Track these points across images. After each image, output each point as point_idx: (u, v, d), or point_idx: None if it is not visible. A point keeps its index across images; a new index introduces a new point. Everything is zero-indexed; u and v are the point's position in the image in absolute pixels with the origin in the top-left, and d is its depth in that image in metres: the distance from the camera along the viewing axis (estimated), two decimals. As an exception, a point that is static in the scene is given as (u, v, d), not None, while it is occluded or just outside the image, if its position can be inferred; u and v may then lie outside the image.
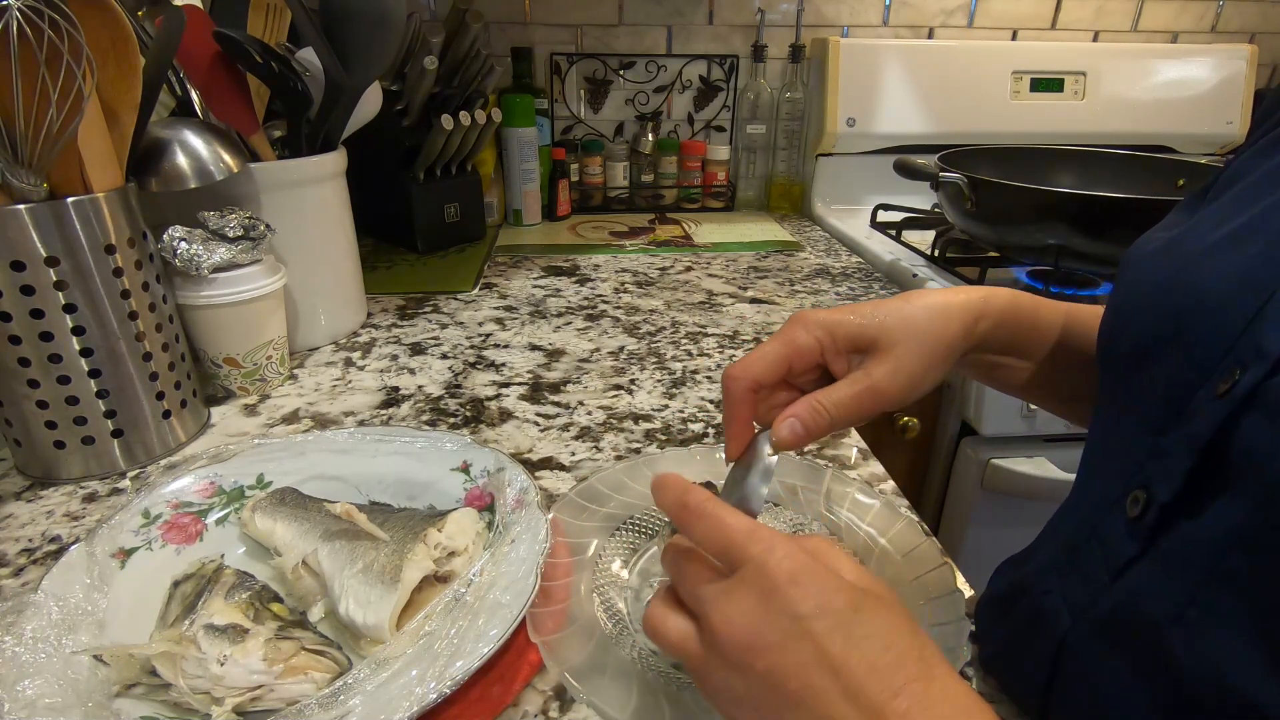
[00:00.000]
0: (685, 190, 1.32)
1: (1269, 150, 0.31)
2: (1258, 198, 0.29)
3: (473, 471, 0.49)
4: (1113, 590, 0.29)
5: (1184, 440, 0.26)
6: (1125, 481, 0.30)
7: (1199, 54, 1.27)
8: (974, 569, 0.43)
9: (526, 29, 1.25)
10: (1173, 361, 0.28)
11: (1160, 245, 0.32)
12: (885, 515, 0.47)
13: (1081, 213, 0.80)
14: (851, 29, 1.29)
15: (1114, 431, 0.33)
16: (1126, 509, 0.29)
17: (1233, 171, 0.33)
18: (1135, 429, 0.30)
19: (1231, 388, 0.25)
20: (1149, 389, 0.30)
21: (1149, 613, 0.27)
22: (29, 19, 0.41)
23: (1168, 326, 0.29)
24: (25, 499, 0.51)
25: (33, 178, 0.46)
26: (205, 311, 0.60)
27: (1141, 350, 0.30)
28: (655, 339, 0.77)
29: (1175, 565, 0.26)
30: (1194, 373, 0.27)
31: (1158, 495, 0.27)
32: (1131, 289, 0.32)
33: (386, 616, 0.37)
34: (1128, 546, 0.28)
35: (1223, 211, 0.30)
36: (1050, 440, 0.80)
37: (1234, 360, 0.25)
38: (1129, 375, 0.32)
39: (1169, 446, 0.27)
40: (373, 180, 0.98)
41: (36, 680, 0.33)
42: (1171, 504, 0.27)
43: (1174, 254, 0.31)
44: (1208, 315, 0.27)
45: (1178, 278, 0.29)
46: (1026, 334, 0.40)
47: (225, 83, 0.65)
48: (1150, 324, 0.30)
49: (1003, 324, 0.38)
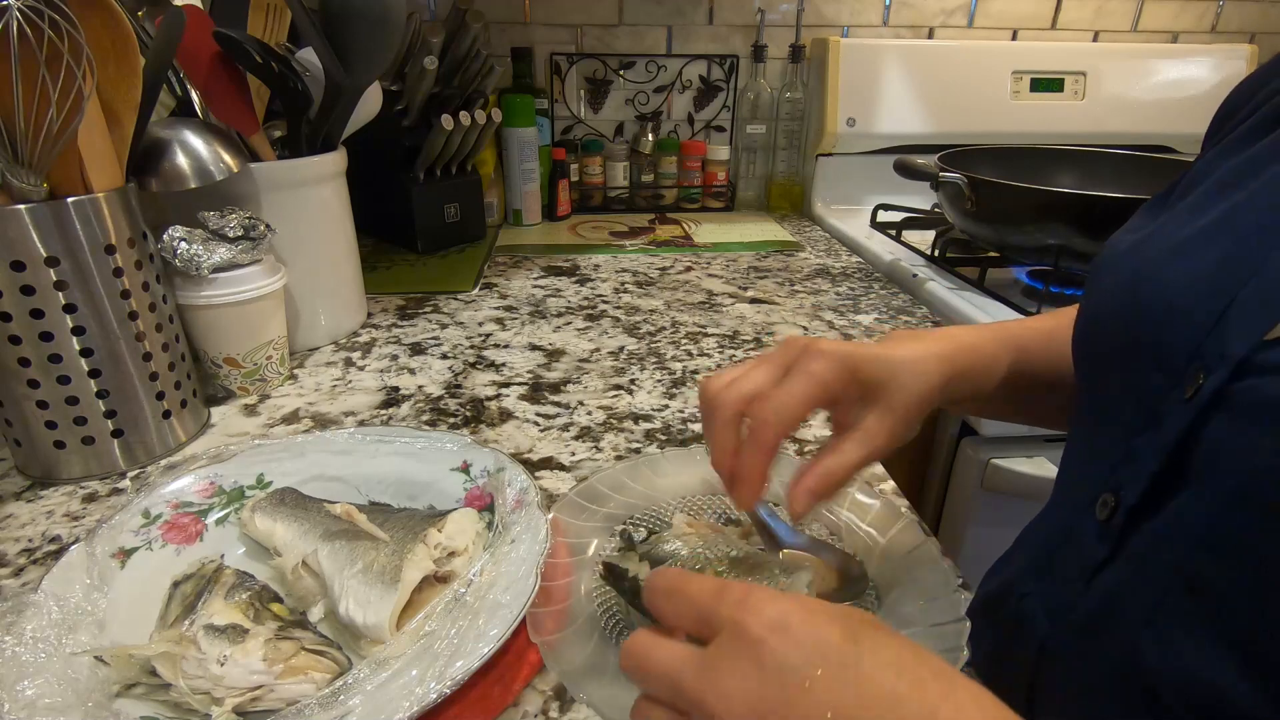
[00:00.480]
0: (685, 190, 1.32)
1: (1233, 149, 0.31)
2: (1221, 198, 0.29)
3: (473, 471, 0.49)
4: (1087, 594, 0.29)
5: (1151, 444, 0.26)
6: (1098, 485, 0.30)
7: (1199, 54, 1.27)
8: (974, 569, 0.43)
9: (526, 29, 1.25)
10: (1143, 365, 0.28)
11: (1128, 247, 0.33)
12: (885, 515, 0.47)
13: (1081, 213, 0.80)
14: (851, 29, 1.29)
15: (1089, 435, 0.34)
16: (1096, 512, 0.29)
17: (1197, 171, 0.33)
18: (1109, 433, 0.30)
19: (1196, 391, 0.25)
20: (1121, 393, 0.30)
21: (1122, 616, 0.27)
22: (29, 19, 0.41)
23: (1136, 331, 0.29)
24: (25, 499, 0.51)
25: (33, 178, 0.46)
26: (205, 311, 0.60)
27: (1113, 354, 0.31)
28: (655, 339, 0.77)
29: (1145, 567, 0.26)
30: (1162, 376, 0.27)
31: (1125, 498, 0.27)
32: (1102, 294, 0.33)
33: (386, 616, 0.37)
34: (1098, 549, 0.29)
35: (1187, 212, 0.30)
36: (1050, 440, 0.80)
37: (1199, 364, 0.25)
38: (1102, 379, 0.32)
39: (1139, 449, 0.27)
40: (373, 180, 0.98)
41: (36, 680, 0.33)
42: (1138, 506, 0.27)
43: (1141, 256, 0.31)
44: (1174, 319, 0.27)
45: (1144, 281, 0.29)
46: (981, 382, 0.39)
47: (225, 83, 0.65)
48: (1120, 329, 0.30)
49: (963, 378, 0.38)
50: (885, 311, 0.86)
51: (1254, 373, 0.23)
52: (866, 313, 0.86)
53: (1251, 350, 0.24)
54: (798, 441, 0.58)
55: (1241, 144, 0.31)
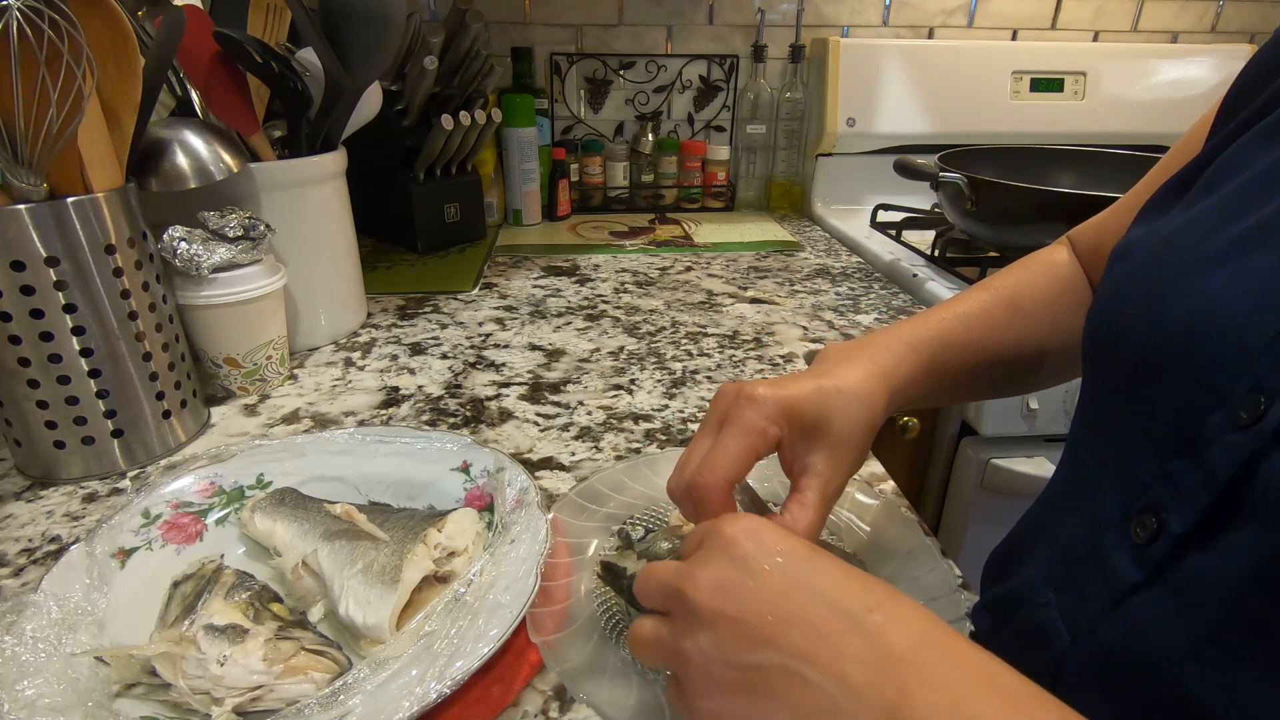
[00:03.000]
0: (685, 190, 1.32)
1: (1264, 141, 0.29)
2: (1266, 195, 0.27)
3: (473, 471, 0.49)
4: (1115, 617, 0.27)
5: (1202, 472, 0.25)
6: (1127, 501, 0.28)
7: (1199, 54, 1.27)
8: (974, 569, 0.43)
9: (526, 29, 1.25)
10: (1183, 381, 0.26)
11: (1149, 249, 0.31)
12: (885, 515, 0.47)
13: (1081, 213, 0.79)
14: (851, 29, 1.29)
15: (1106, 441, 0.32)
16: (1131, 533, 0.27)
17: (1230, 160, 0.30)
18: (1139, 445, 0.29)
19: (1257, 420, 0.23)
20: (1155, 406, 0.28)
21: (1160, 647, 0.25)
22: (29, 19, 0.41)
23: (1175, 341, 0.27)
24: (25, 499, 0.51)
25: (33, 178, 0.46)
26: (205, 311, 0.60)
27: (1146, 363, 0.28)
28: (655, 339, 0.77)
29: (1188, 600, 0.25)
30: (1209, 396, 0.25)
31: (1170, 525, 0.26)
32: (1121, 298, 0.31)
33: (386, 616, 0.37)
34: (1132, 572, 0.27)
35: (1226, 209, 0.28)
36: (1050, 440, 0.80)
37: (1254, 386, 0.23)
38: (1131, 388, 0.30)
39: (1181, 474, 0.26)
40: (373, 180, 0.98)
41: (36, 680, 0.33)
42: (1185, 535, 0.25)
43: (1175, 255, 0.29)
44: (1221, 333, 0.25)
45: (1179, 285, 0.27)
46: (921, 387, 0.39)
47: (225, 83, 0.65)
48: (1156, 336, 0.28)
49: (904, 391, 0.38)
50: (885, 311, 0.86)
51: None
52: (866, 313, 0.86)
53: None
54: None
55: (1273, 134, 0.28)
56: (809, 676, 0.23)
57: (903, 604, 0.25)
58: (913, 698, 0.22)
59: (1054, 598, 0.31)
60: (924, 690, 0.22)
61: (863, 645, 0.23)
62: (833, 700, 0.23)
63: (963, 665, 0.23)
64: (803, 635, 0.24)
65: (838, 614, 0.24)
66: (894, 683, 0.22)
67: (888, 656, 0.23)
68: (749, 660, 0.24)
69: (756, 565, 0.25)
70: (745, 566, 0.26)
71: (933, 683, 0.22)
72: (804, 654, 0.23)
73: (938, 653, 0.23)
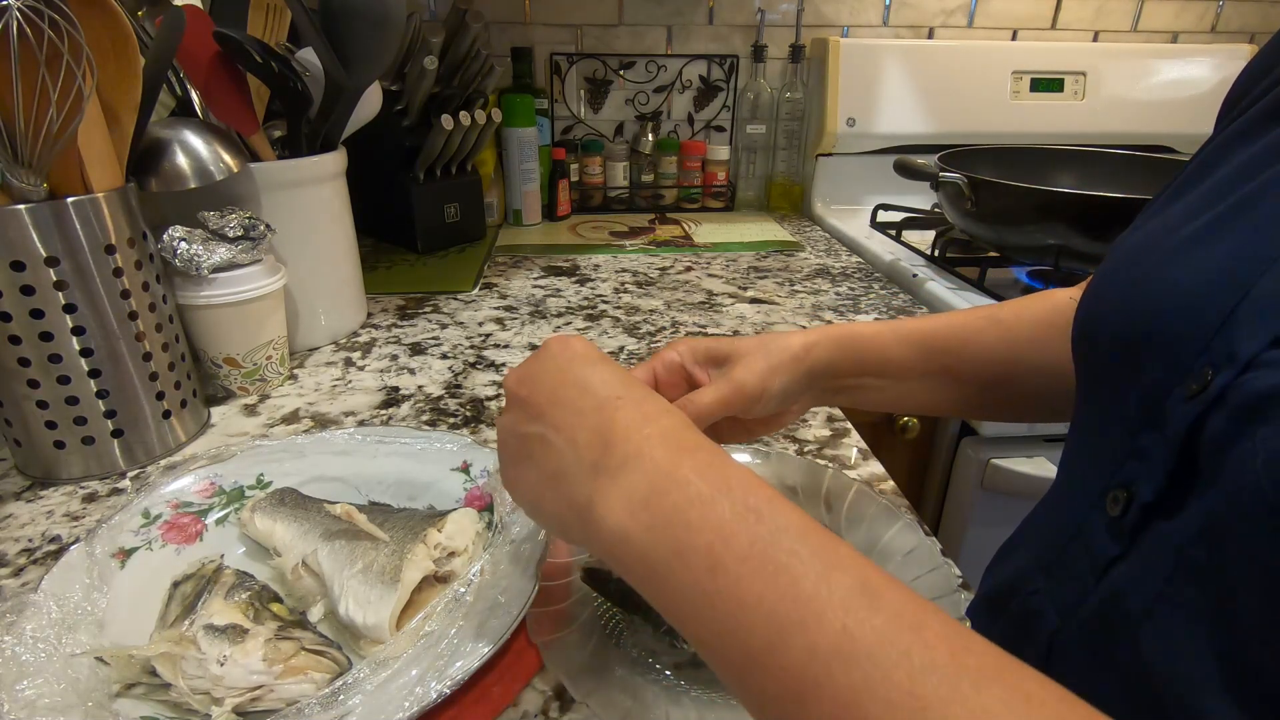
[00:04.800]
0: (685, 190, 1.32)
1: (1241, 139, 0.30)
2: (1230, 190, 0.28)
3: (473, 471, 0.49)
4: (1097, 590, 0.29)
5: (1162, 440, 0.26)
6: (1105, 480, 0.30)
7: (1199, 54, 1.27)
8: (974, 569, 0.43)
9: (526, 29, 1.25)
10: (1151, 361, 0.28)
11: (1133, 240, 0.32)
12: (885, 515, 0.47)
13: (1081, 213, 0.80)
14: (851, 29, 1.29)
15: (1093, 429, 0.33)
16: (1107, 508, 0.29)
17: (1205, 159, 0.32)
18: (1114, 427, 0.30)
19: (1203, 389, 0.24)
20: (1125, 387, 0.29)
21: (1127, 610, 0.27)
22: (29, 19, 0.41)
23: (1140, 325, 0.29)
24: (25, 499, 0.51)
25: (33, 178, 0.46)
26: (205, 311, 0.60)
27: (1117, 348, 0.30)
28: (655, 339, 0.77)
29: (1151, 562, 0.26)
30: (1171, 373, 0.27)
31: (1139, 494, 0.27)
32: (1108, 284, 0.32)
33: (386, 616, 0.37)
34: (1110, 546, 0.28)
35: (1196, 204, 0.30)
36: (1050, 440, 0.80)
37: (1207, 361, 0.25)
38: (1107, 374, 0.31)
39: (1148, 446, 0.27)
40: (373, 180, 0.98)
41: (36, 680, 0.33)
42: (1153, 504, 0.27)
43: (1148, 248, 0.31)
44: (1182, 315, 0.27)
45: (1150, 274, 0.29)
46: (871, 356, 0.44)
47: (225, 83, 0.65)
48: (1124, 322, 0.30)
49: (840, 348, 0.43)
50: (885, 311, 0.86)
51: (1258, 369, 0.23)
52: (866, 313, 0.86)
53: (1262, 348, 0.23)
54: (797, 441, 0.58)
55: (1249, 132, 0.30)
56: (553, 441, 0.29)
57: (651, 399, 0.30)
58: (613, 453, 0.27)
59: (1043, 583, 0.33)
60: (622, 444, 0.27)
61: (597, 419, 0.29)
62: (562, 457, 0.29)
63: (670, 441, 0.27)
64: (562, 412, 0.30)
65: (590, 397, 0.29)
66: (605, 443, 0.28)
67: (610, 427, 0.28)
68: (525, 431, 0.31)
69: (552, 362, 0.32)
70: (543, 363, 0.32)
71: (630, 438, 0.27)
72: (556, 424, 0.29)
73: (652, 428, 0.28)
